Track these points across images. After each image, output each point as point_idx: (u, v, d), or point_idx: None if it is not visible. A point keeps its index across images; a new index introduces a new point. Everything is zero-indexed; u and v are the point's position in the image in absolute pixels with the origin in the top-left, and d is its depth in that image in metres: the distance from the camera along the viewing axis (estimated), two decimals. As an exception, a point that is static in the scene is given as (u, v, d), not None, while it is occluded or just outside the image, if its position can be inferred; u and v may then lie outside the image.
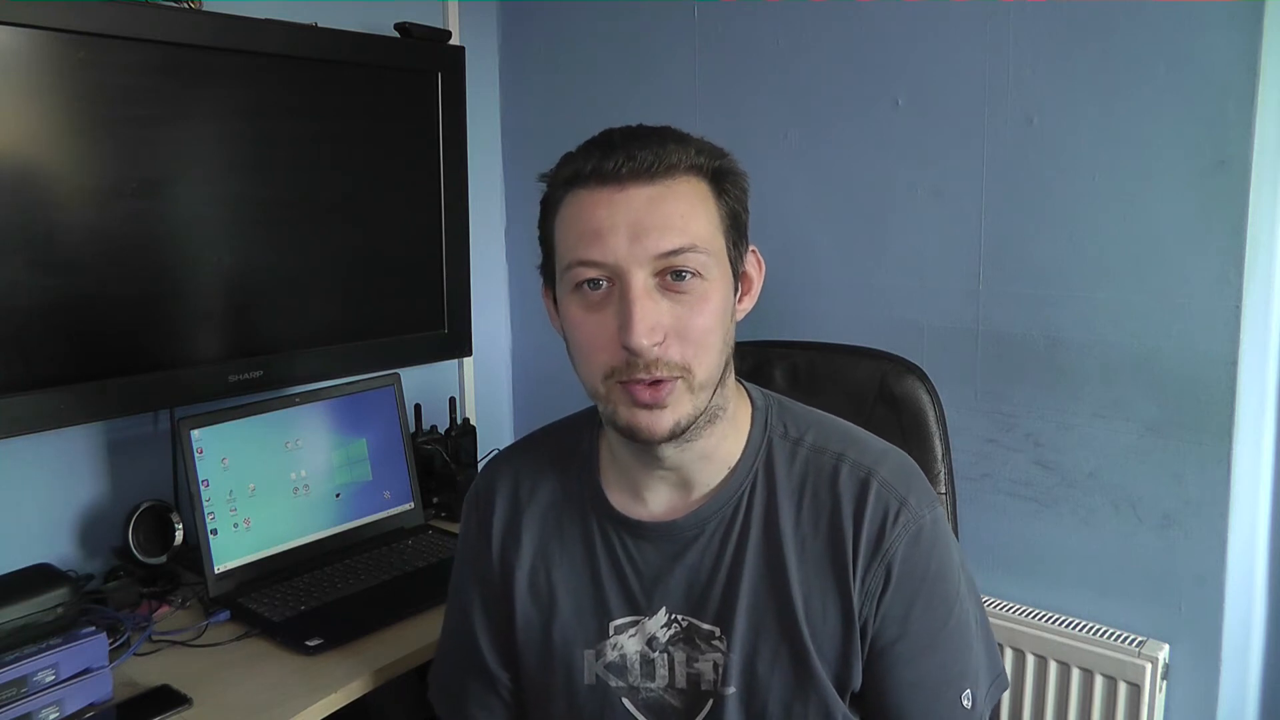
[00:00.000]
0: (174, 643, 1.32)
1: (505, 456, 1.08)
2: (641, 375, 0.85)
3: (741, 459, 0.95)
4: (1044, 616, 1.50)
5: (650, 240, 0.84)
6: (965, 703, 0.93)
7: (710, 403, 0.89)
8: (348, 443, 1.62)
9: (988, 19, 1.47)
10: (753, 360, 1.32)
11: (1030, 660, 1.49)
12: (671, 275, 0.85)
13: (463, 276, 1.89)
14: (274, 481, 1.52)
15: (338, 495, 1.60)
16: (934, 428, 1.24)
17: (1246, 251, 1.30)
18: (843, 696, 0.92)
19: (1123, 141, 1.37)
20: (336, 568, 1.51)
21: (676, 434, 0.87)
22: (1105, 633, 1.45)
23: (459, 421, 1.89)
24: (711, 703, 0.93)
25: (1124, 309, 1.40)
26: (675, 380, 0.85)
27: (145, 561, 1.48)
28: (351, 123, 1.69)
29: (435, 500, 1.79)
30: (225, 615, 1.38)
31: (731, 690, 0.92)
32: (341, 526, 1.60)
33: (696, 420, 0.88)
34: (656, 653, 0.95)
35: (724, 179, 0.90)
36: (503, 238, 2.15)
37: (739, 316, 0.94)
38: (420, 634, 1.32)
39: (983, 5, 1.47)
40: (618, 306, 0.85)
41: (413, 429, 1.82)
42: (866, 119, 1.61)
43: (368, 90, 1.70)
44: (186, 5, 1.47)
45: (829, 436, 0.96)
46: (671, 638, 0.95)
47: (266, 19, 1.54)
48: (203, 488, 1.43)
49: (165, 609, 1.41)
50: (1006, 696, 1.52)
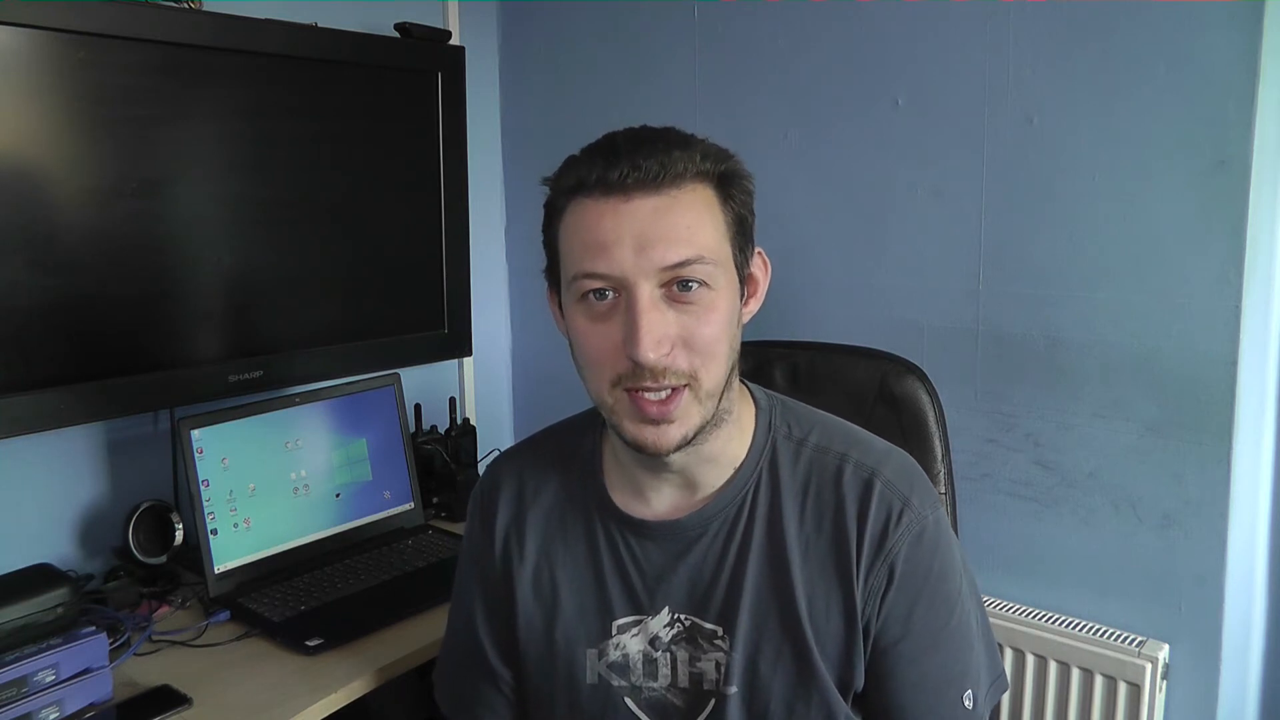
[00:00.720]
0: (174, 643, 1.32)
1: (509, 456, 1.08)
2: (649, 383, 0.84)
3: (746, 459, 0.95)
4: (1044, 616, 1.50)
5: (656, 252, 0.83)
6: (967, 702, 0.93)
7: (718, 408, 0.89)
8: (348, 443, 1.62)
9: (988, 19, 1.47)
10: (753, 360, 1.32)
11: (1030, 660, 1.49)
12: (678, 286, 0.84)
13: (463, 276, 1.89)
14: (274, 481, 1.52)
15: (338, 495, 1.60)
16: (934, 428, 1.24)
17: (1246, 251, 1.30)
18: (845, 697, 0.92)
19: (1123, 141, 1.37)
20: (336, 568, 1.51)
21: (684, 444, 0.87)
22: (1105, 633, 1.45)
23: (459, 421, 1.89)
24: (714, 702, 0.93)
25: (1124, 309, 1.40)
26: (683, 390, 0.85)
27: (145, 561, 1.48)
28: (351, 123, 1.69)
29: (435, 500, 1.79)
30: (225, 615, 1.38)
31: (734, 690, 0.92)
32: (341, 526, 1.60)
33: (703, 429, 0.88)
34: (659, 652, 0.95)
35: (730, 184, 0.89)
36: (503, 238, 2.15)
37: (745, 319, 0.93)
38: (420, 634, 1.32)
39: (983, 5, 1.47)
40: (624, 318, 0.84)
41: (413, 429, 1.82)
42: (866, 119, 1.61)
43: (368, 90, 1.70)
44: (186, 5, 1.47)
45: (832, 437, 0.97)
46: (674, 637, 0.95)
47: (266, 19, 1.54)
48: (203, 488, 1.43)
49: (165, 609, 1.41)
50: (1006, 696, 1.52)
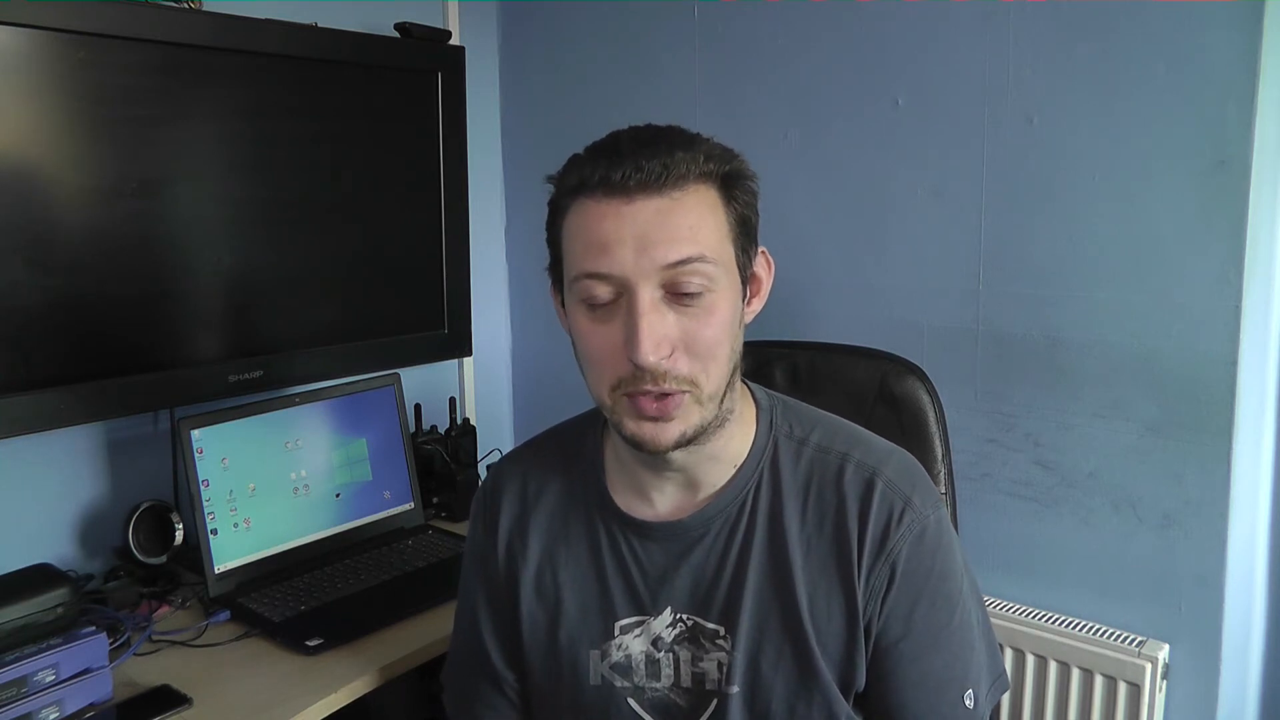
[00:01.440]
0: (174, 643, 1.32)
1: (512, 458, 1.08)
2: (649, 387, 0.84)
3: (747, 459, 0.95)
4: (1044, 616, 1.50)
5: (658, 252, 0.83)
6: (968, 702, 0.93)
7: (720, 409, 0.89)
8: (348, 443, 1.62)
9: (988, 19, 1.47)
10: (753, 360, 1.32)
11: (1030, 660, 1.49)
12: (679, 289, 0.84)
13: (463, 276, 1.89)
14: (274, 481, 1.52)
15: (338, 495, 1.60)
16: (934, 428, 1.24)
17: (1246, 251, 1.30)
18: (847, 696, 0.92)
19: (1123, 141, 1.37)
20: (336, 568, 1.51)
21: (682, 444, 0.87)
22: (1105, 633, 1.45)
23: (459, 421, 1.89)
24: (716, 702, 0.93)
25: (1124, 309, 1.40)
26: (683, 394, 0.85)
27: (145, 561, 1.48)
28: (351, 123, 1.69)
29: (435, 500, 1.79)
30: (225, 615, 1.38)
31: (735, 689, 0.92)
32: (341, 526, 1.60)
33: (704, 429, 0.88)
34: (661, 652, 0.95)
35: (733, 184, 0.88)
36: (503, 238, 2.15)
37: (748, 319, 0.93)
38: (420, 634, 1.32)
39: (983, 5, 1.47)
40: (624, 319, 0.84)
41: (413, 429, 1.82)
42: (866, 119, 1.61)
43: (368, 90, 1.70)
44: (186, 5, 1.47)
45: (834, 436, 0.97)
46: (676, 637, 0.95)
47: (266, 19, 1.54)
48: (203, 488, 1.43)
49: (165, 609, 1.41)
50: (1006, 696, 1.52)
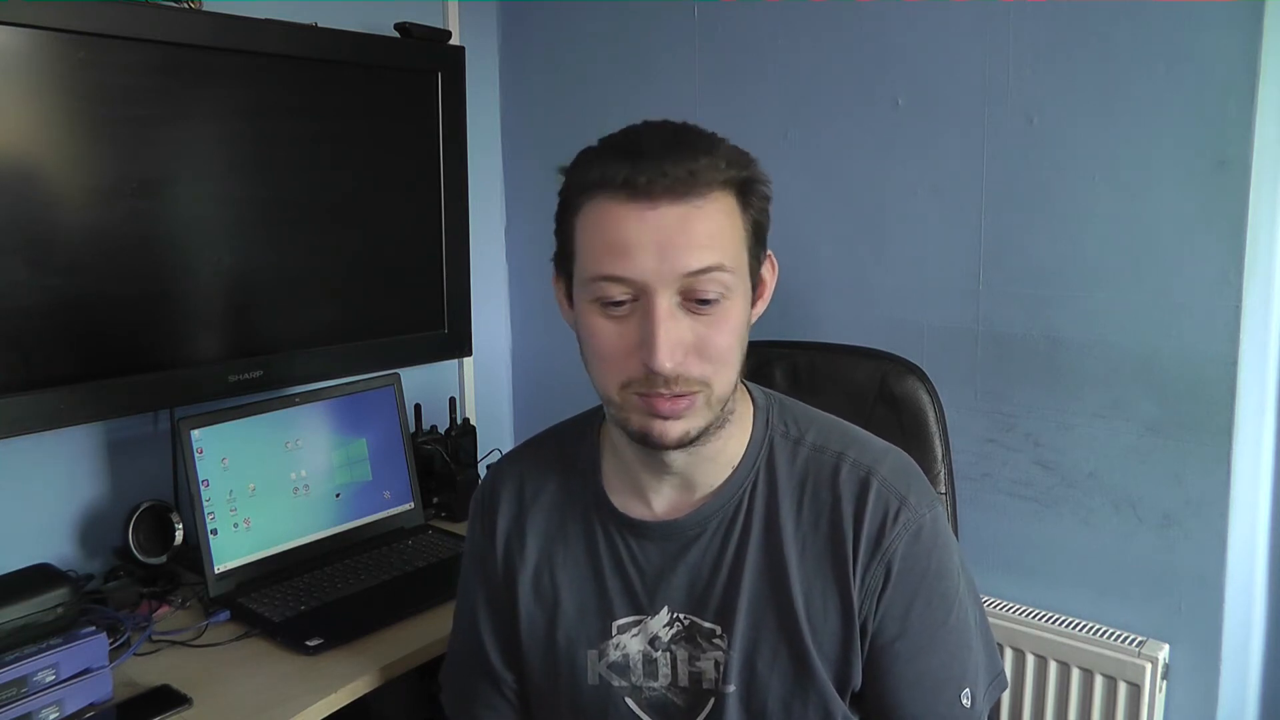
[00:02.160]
0: (174, 643, 1.32)
1: (510, 459, 1.09)
2: (662, 390, 0.85)
3: (744, 458, 0.95)
4: (1044, 616, 1.50)
5: (679, 259, 0.82)
6: (965, 701, 0.93)
7: (724, 410, 0.90)
8: (348, 443, 1.62)
9: (988, 19, 1.47)
10: (753, 360, 1.31)
11: (1030, 660, 1.49)
12: (697, 296, 0.84)
13: (463, 276, 1.89)
14: (274, 481, 1.52)
15: (338, 495, 1.60)
16: (934, 428, 1.24)
17: (1246, 251, 1.30)
18: (843, 695, 0.92)
19: (1123, 141, 1.37)
20: (336, 568, 1.51)
21: (685, 443, 0.88)
22: (1105, 633, 1.45)
23: (459, 421, 1.89)
24: (713, 701, 0.94)
25: (1124, 309, 1.40)
26: (695, 395, 0.86)
27: (145, 561, 1.48)
28: (351, 123, 1.69)
29: (435, 500, 1.79)
30: (225, 615, 1.38)
31: (732, 688, 0.92)
32: (341, 526, 1.60)
33: (708, 430, 0.89)
34: (659, 652, 0.95)
35: (750, 191, 0.88)
36: (503, 238, 2.15)
37: (753, 321, 0.93)
38: (420, 634, 1.32)
39: (983, 5, 1.47)
40: (640, 321, 0.84)
41: (413, 429, 1.82)
42: (866, 119, 1.61)
43: (368, 90, 1.70)
44: (186, 5, 1.47)
45: (830, 435, 0.97)
46: (674, 636, 0.95)
47: (266, 19, 1.54)
48: (203, 488, 1.43)
49: (165, 609, 1.41)
50: (1006, 696, 1.52)
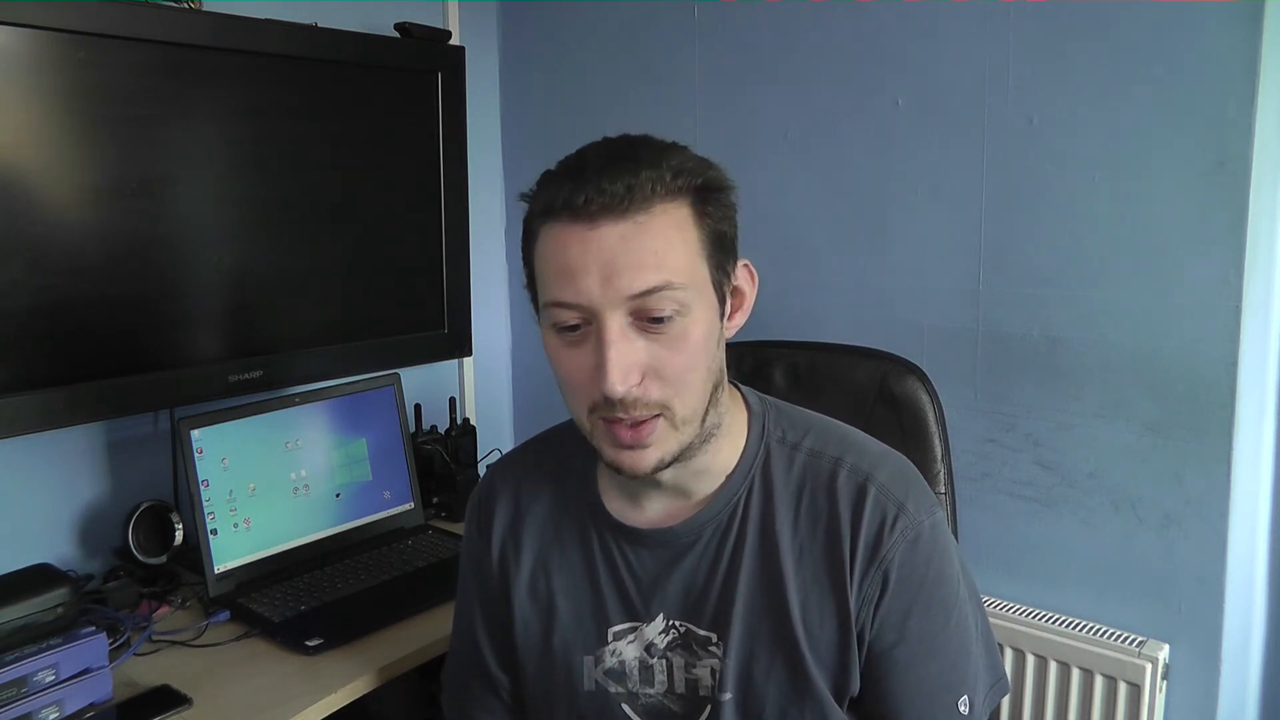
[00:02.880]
0: (174, 643, 1.32)
1: (507, 462, 1.08)
2: (620, 415, 0.83)
3: (737, 467, 0.94)
4: (1044, 616, 1.50)
5: (623, 281, 0.80)
6: (962, 709, 0.93)
7: (702, 428, 0.88)
8: (347, 443, 1.62)
9: (988, 19, 1.47)
10: (753, 360, 1.32)
11: (1030, 660, 1.49)
12: (649, 315, 0.82)
13: (463, 276, 1.89)
14: (274, 481, 1.52)
15: (338, 495, 1.60)
16: (934, 428, 1.24)
17: (1246, 251, 1.30)
18: (840, 702, 0.92)
19: (1122, 141, 1.37)
20: (336, 568, 1.51)
21: (661, 468, 0.87)
22: (1105, 633, 1.45)
23: (459, 421, 1.89)
24: (710, 708, 0.93)
25: (1124, 309, 1.40)
26: (656, 419, 0.84)
27: (145, 561, 1.48)
28: (351, 123, 1.69)
29: (435, 500, 1.79)
30: (225, 615, 1.38)
31: (728, 696, 0.92)
32: (341, 526, 1.60)
33: (683, 452, 0.87)
34: (655, 659, 0.95)
35: (706, 199, 0.85)
36: (503, 237, 2.15)
37: (729, 334, 0.91)
38: (420, 634, 1.32)
39: (983, 5, 1.47)
40: (594, 346, 0.83)
41: (413, 429, 1.82)
42: (866, 118, 1.61)
43: (368, 90, 1.70)
44: (186, 5, 1.47)
45: (827, 440, 0.96)
46: (669, 644, 0.94)
47: (266, 19, 1.54)
48: (203, 488, 1.43)
49: (165, 609, 1.41)
50: (1006, 696, 1.51)
